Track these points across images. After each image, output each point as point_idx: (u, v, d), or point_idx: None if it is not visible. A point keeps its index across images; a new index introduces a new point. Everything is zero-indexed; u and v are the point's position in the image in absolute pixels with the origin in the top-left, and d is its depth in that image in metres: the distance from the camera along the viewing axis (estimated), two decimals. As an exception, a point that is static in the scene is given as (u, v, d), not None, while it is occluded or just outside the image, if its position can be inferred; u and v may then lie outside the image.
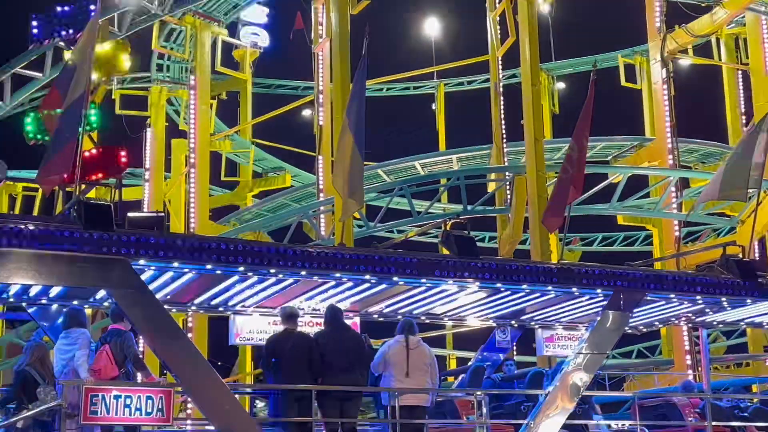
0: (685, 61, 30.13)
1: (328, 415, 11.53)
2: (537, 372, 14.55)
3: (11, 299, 12.22)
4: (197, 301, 12.79)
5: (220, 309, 13.15)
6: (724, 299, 13.34)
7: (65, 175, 10.69)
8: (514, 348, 15.82)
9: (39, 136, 12.02)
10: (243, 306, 13.16)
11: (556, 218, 13.07)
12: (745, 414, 14.30)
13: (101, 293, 12.15)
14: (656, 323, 15.65)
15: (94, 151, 11.91)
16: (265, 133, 34.58)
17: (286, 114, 33.46)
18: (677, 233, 24.93)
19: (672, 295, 13.12)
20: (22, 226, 9.78)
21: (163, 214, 11.26)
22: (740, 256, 13.48)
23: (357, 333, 12.15)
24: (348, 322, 13.05)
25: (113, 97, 30.23)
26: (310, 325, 13.24)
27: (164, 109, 30.84)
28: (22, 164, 27.95)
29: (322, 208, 25.84)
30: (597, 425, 13.39)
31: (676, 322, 15.61)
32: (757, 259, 22.63)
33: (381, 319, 13.97)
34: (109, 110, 28.23)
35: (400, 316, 13.82)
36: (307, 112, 34.40)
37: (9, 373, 11.57)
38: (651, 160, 26.82)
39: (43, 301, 12.36)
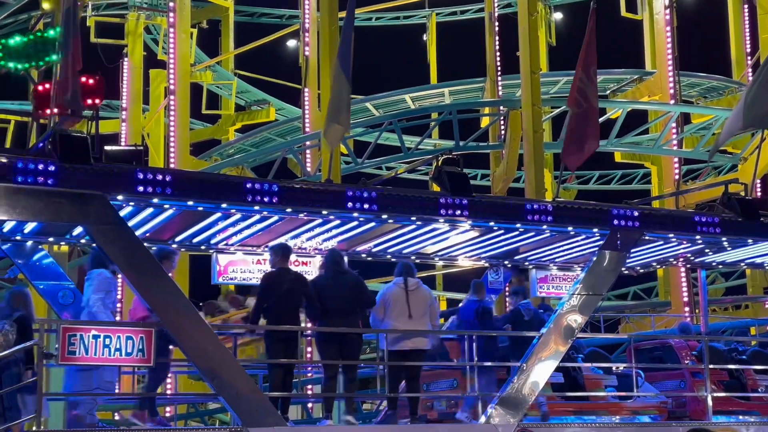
0: (690, -9, 29.46)
1: (326, 358, 11.29)
2: None
3: (-16, 235, 11.81)
4: (178, 238, 12.39)
5: (202, 247, 12.77)
6: (724, 239, 13.03)
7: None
8: (507, 289, 15.48)
9: (11, 65, 11.44)
10: (226, 244, 12.79)
11: (576, 155, 12.64)
12: (743, 357, 14.07)
13: (78, 230, 11.71)
14: (654, 264, 15.36)
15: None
16: (248, 64, 33.78)
17: (270, 44, 32.59)
18: (677, 171, 24.55)
19: (671, 235, 12.80)
20: (-6, 159, 9.37)
21: (141, 147, 10.87)
22: (742, 194, 13.11)
23: (358, 276, 11.75)
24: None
25: (88, 24, 29.22)
26: (296, 264, 12.88)
27: (142, 37, 29.87)
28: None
29: (308, 143, 25.27)
30: (590, 368, 13.10)
31: (674, 262, 15.33)
32: (760, 197, 22.37)
33: (369, 258, 13.61)
34: (84, 38, 27.42)
35: (389, 256, 13.52)
36: (292, 43, 33.62)
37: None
38: (651, 95, 26.29)
39: (18, 238, 11.93)
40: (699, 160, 28.29)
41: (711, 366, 12.88)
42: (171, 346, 10.75)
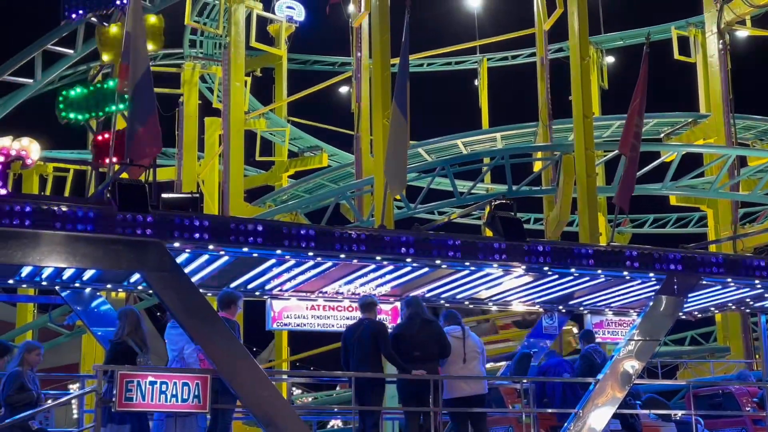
0: (743, 33, 28.99)
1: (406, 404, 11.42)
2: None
3: (44, 282, 12.03)
4: (233, 284, 12.47)
5: (257, 293, 12.83)
6: (783, 283, 12.77)
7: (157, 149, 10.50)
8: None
9: (71, 116, 11.72)
10: (280, 290, 12.84)
11: (627, 196, 12.68)
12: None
13: (135, 276, 11.87)
14: (712, 309, 15.09)
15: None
16: (301, 110, 34.12)
17: (322, 91, 32.91)
18: (735, 214, 24.18)
19: (729, 279, 12.58)
20: (55, 207, 9.56)
21: (197, 194, 10.99)
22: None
23: (439, 325, 11.77)
24: (388, 306, 12.77)
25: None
26: (349, 310, 12.91)
27: (197, 86, 30.40)
28: (52, 144, 27.75)
29: (360, 188, 25.39)
30: (648, 415, 12.89)
31: (733, 307, 15.05)
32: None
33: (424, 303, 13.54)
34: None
35: (442, 301, 13.46)
36: (344, 89, 33.91)
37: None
38: (706, 138, 26.00)
39: (77, 285, 12.13)
40: (756, 203, 27.86)
41: (773, 413, 12.61)
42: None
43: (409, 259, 11.07)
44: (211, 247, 10.31)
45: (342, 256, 10.83)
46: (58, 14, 22.78)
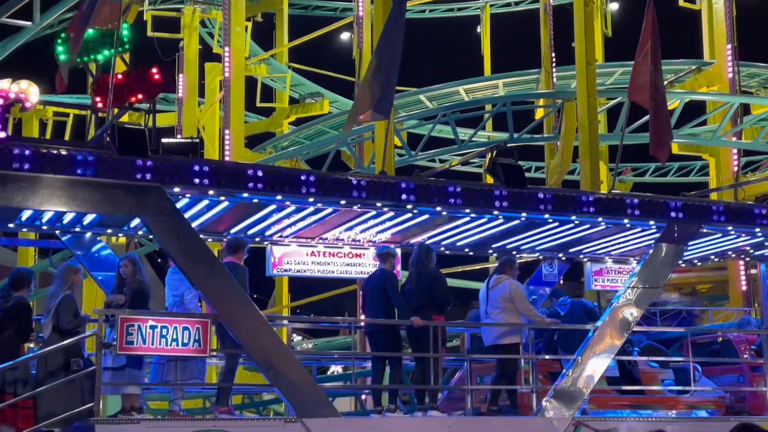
0: (748, -20, 28.79)
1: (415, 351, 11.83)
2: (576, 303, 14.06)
3: (44, 227, 12.06)
4: (233, 230, 12.48)
5: (257, 239, 12.83)
6: (784, 232, 12.77)
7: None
8: (561, 281, 15.34)
9: (64, 57, 11.58)
10: (280, 236, 12.84)
11: (665, 147, 12.63)
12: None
13: (135, 221, 11.87)
14: (712, 257, 15.11)
15: (127, 73, 11.47)
16: (302, 57, 33.78)
17: (324, 37, 32.57)
18: (736, 163, 24.08)
19: (729, 228, 12.58)
20: (55, 151, 9.53)
21: (198, 140, 10.94)
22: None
23: (435, 274, 12.01)
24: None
25: (145, 18, 29.52)
26: (349, 257, 12.93)
27: (197, 31, 30.04)
28: (52, 89, 27.50)
29: (361, 135, 25.28)
30: (647, 362, 12.97)
31: (733, 255, 15.07)
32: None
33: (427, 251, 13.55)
34: (141, 32, 27.65)
35: (442, 248, 13.47)
36: (346, 35, 33.61)
37: (42, 302, 11.37)
38: (710, 85, 25.79)
39: (77, 229, 12.14)
40: (759, 152, 27.74)
41: (771, 360, 12.68)
42: None
43: (409, 206, 11.06)
44: (211, 192, 10.30)
45: (342, 202, 10.83)
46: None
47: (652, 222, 12.16)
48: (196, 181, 10.05)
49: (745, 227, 12.55)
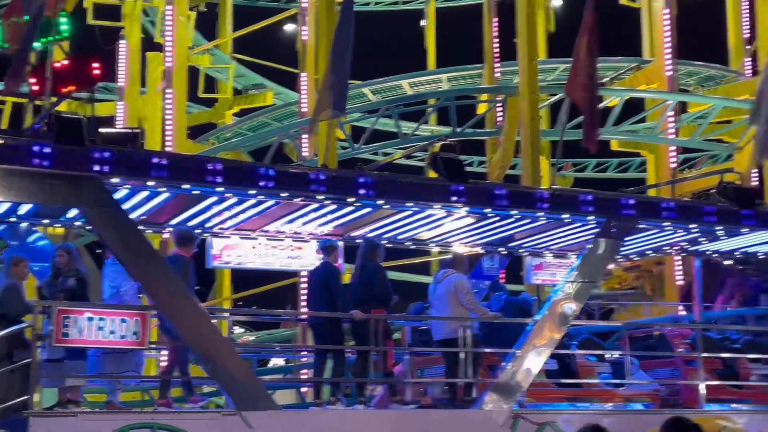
0: (688, -21, 29.22)
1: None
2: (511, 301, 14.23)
3: (-22, 216, 11.78)
4: (173, 221, 12.36)
5: (197, 230, 12.71)
6: (719, 228, 13.02)
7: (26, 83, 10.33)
8: (502, 275, 15.47)
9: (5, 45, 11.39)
10: (221, 228, 12.76)
11: (595, 139, 12.81)
12: (737, 346, 14.09)
13: (74, 212, 11.69)
14: (649, 252, 15.35)
15: (65, 61, 11.31)
16: (246, 48, 33.59)
17: (268, 28, 32.38)
18: (673, 160, 24.49)
19: (666, 223, 12.78)
20: (-11, 140, 9.36)
21: (138, 130, 10.79)
22: (738, 183, 13.09)
23: (375, 270, 12.09)
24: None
25: (84, 5, 28.98)
26: (291, 250, 12.90)
27: (139, 19, 29.51)
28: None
29: (304, 128, 25.18)
30: (585, 356, 13.13)
31: (669, 251, 15.33)
32: (755, 186, 22.29)
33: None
34: (81, 20, 27.17)
35: (384, 241, 13.49)
36: (290, 27, 33.45)
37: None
38: (649, 83, 26.18)
39: (12, 219, 11.90)
40: (696, 149, 28.23)
41: (704, 354, 12.92)
42: None
43: (351, 199, 11.06)
44: (150, 183, 10.18)
45: (284, 194, 10.79)
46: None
47: (591, 217, 12.30)
48: (135, 171, 9.93)
49: (681, 223, 12.75)
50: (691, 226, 12.88)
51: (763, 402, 13.43)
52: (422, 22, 36.13)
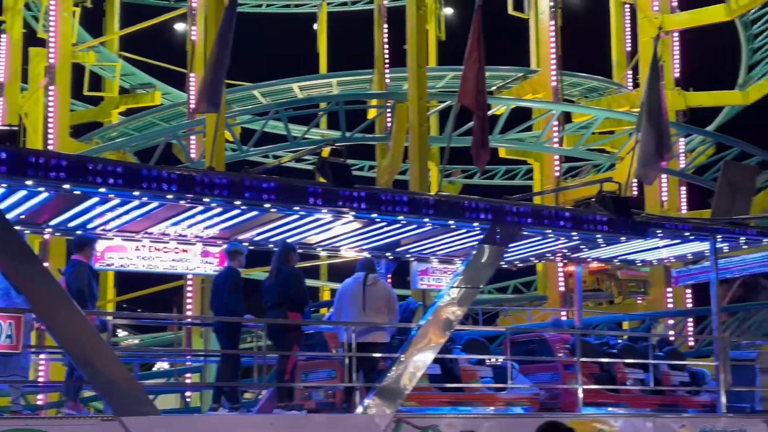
0: (574, -9, 30.10)
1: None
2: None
3: None
4: (53, 222, 12.02)
5: (79, 232, 12.39)
6: (598, 236, 13.37)
7: None
8: (389, 280, 15.55)
9: None
10: (104, 229, 12.46)
11: (485, 151, 12.96)
12: (614, 351, 14.48)
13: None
14: (532, 258, 15.66)
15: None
16: (134, 46, 32.99)
17: (157, 27, 31.86)
18: (557, 168, 25.08)
19: (548, 231, 13.04)
20: None
21: (17, 128, 10.47)
22: (617, 192, 13.46)
23: (292, 273, 12.13)
24: (215, 249, 12.76)
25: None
26: (175, 252, 12.70)
27: (21, 13, 28.61)
28: None
29: (192, 128, 24.86)
30: (467, 360, 13.29)
31: (552, 257, 15.66)
32: (634, 196, 23.04)
33: (252, 247, 13.49)
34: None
35: (271, 245, 13.41)
36: (180, 26, 32.97)
37: None
38: (535, 93, 26.77)
39: None
40: (580, 158, 28.98)
41: (582, 359, 13.24)
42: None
43: (237, 202, 10.96)
44: (28, 182, 9.87)
45: (169, 196, 10.61)
46: None
47: (476, 224, 12.46)
48: (13, 170, 9.62)
49: (563, 231, 13.04)
50: (572, 233, 13.18)
51: (638, 405, 13.85)
52: (314, 26, 36.12)
